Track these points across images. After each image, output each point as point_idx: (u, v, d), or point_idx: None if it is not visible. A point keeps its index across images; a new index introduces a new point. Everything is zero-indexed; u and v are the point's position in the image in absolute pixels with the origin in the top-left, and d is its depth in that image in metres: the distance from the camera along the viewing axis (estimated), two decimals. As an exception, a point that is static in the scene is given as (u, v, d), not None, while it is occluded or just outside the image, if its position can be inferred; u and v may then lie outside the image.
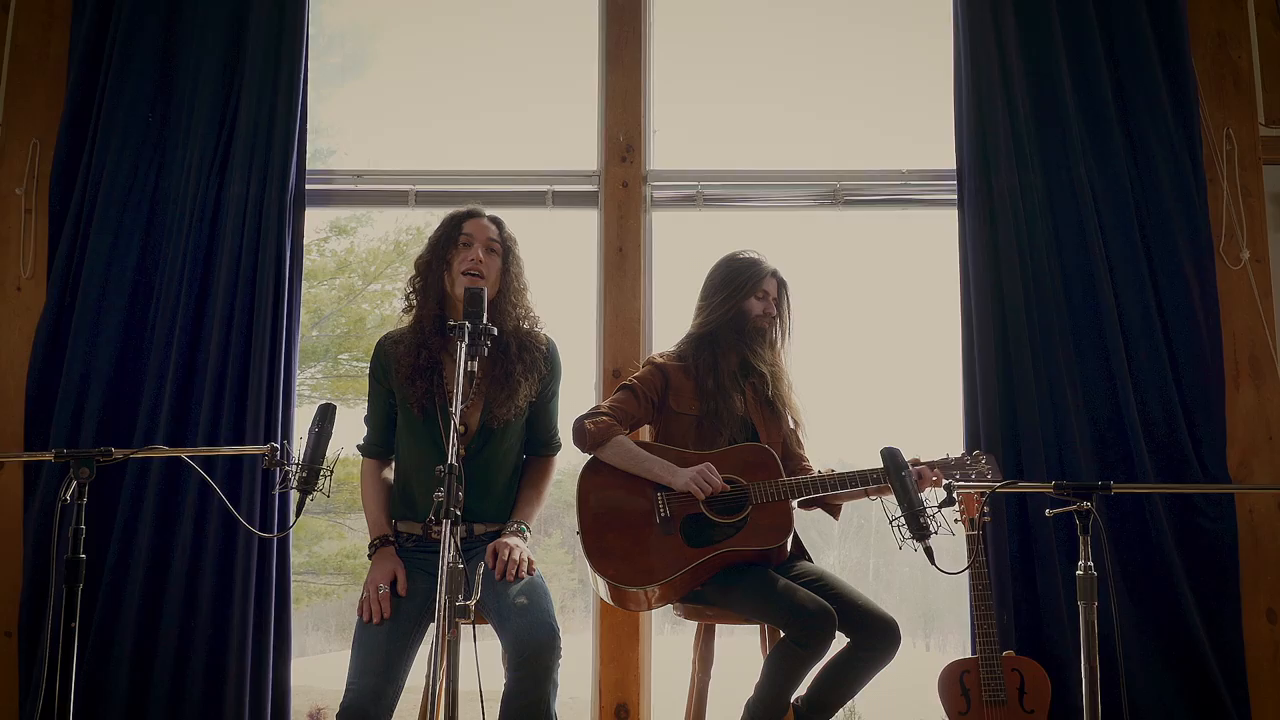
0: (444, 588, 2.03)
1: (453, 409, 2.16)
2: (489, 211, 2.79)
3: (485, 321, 2.27)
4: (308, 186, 3.44)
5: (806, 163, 3.63)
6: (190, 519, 3.17)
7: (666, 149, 3.61)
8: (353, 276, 7.16)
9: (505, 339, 2.65)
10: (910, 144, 3.65)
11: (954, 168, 3.40)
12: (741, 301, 2.89)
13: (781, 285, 2.96)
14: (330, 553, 6.08)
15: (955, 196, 3.38)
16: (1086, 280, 3.30)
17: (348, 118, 4.23)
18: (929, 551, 2.30)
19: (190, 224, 3.34)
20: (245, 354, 3.27)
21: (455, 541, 2.08)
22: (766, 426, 2.90)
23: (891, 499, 2.42)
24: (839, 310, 3.52)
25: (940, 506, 2.39)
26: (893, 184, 3.59)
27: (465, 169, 3.66)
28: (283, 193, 3.35)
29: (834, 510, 2.95)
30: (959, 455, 2.76)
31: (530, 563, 2.59)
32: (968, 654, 2.99)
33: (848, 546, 4.94)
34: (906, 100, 3.76)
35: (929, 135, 3.60)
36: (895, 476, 2.34)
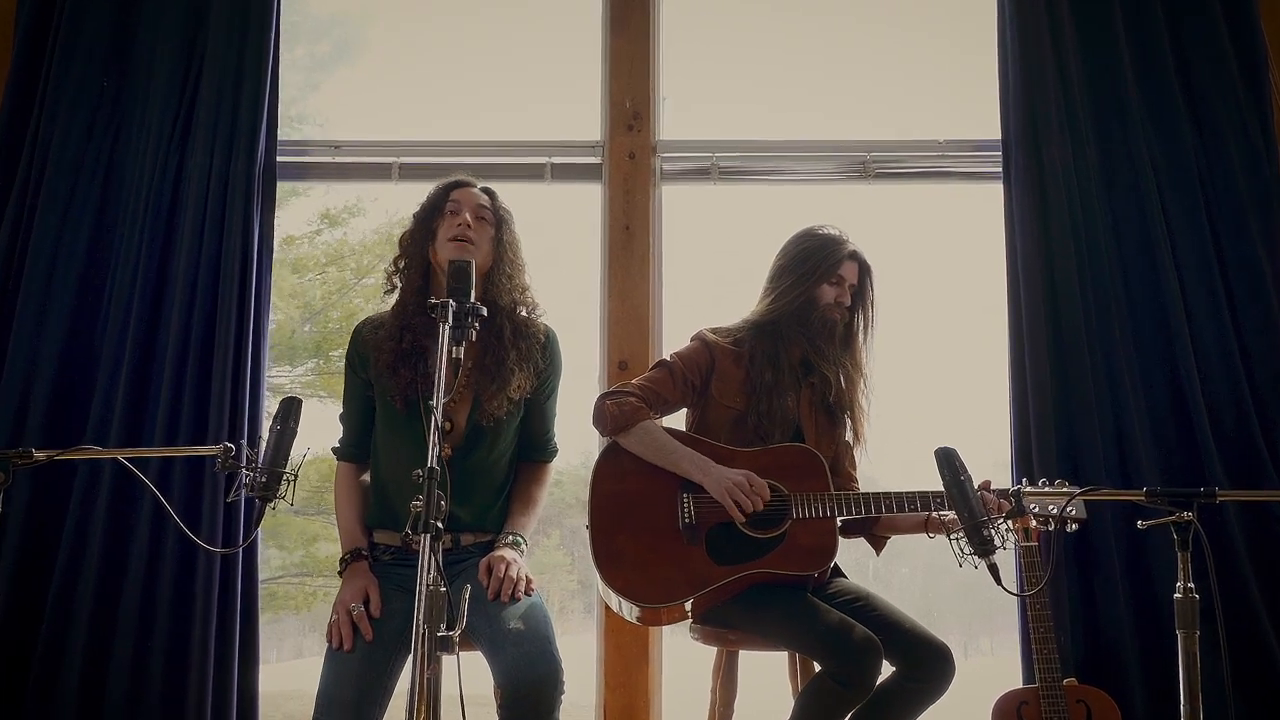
0: (422, 615, 1.73)
1: (434, 402, 1.85)
2: (481, 183, 2.55)
3: (473, 300, 1.97)
4: (280, 159, 3.21)
5: (833, 132, 3.39)
6: (146, 523, 2.90)
7: (678, 117, 3.40)
8: (345, 270, 6.95)
9: (498, 321, 2.40)
10: (947, 112, 3.45)
11: (998, 138, 3.15)
12: (813, 287, 2.54)
13: (864, 270, 2.61)
14: (326, 554, 5.88)
15: (999, 169, 3.14)
16: (1147, 264, 3.02)
17: (334, 95, 3.96)
18: (994, 570, 1.97)
19: (149, 198, 3.09)
20: (208, 344, 3.01)
21: (437, 560, 1.77)
22: (818, 434, 2.56)
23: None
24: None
25: (1006, 517, 2.07)
26: (929, 155, 3.34)
27: (454, 139, 3.43)
28: (251, 163, 3.11)
29: (878, 542, 2.63)
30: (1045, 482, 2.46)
31: (529, 581, 2.28)
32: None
33: (845, 545, 4.65)
34: (943, 64, 3.54)
35: (969, 103, 3.40)
36: (952, 481, 2.01)
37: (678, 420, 2.65)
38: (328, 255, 6.78)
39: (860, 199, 3.49)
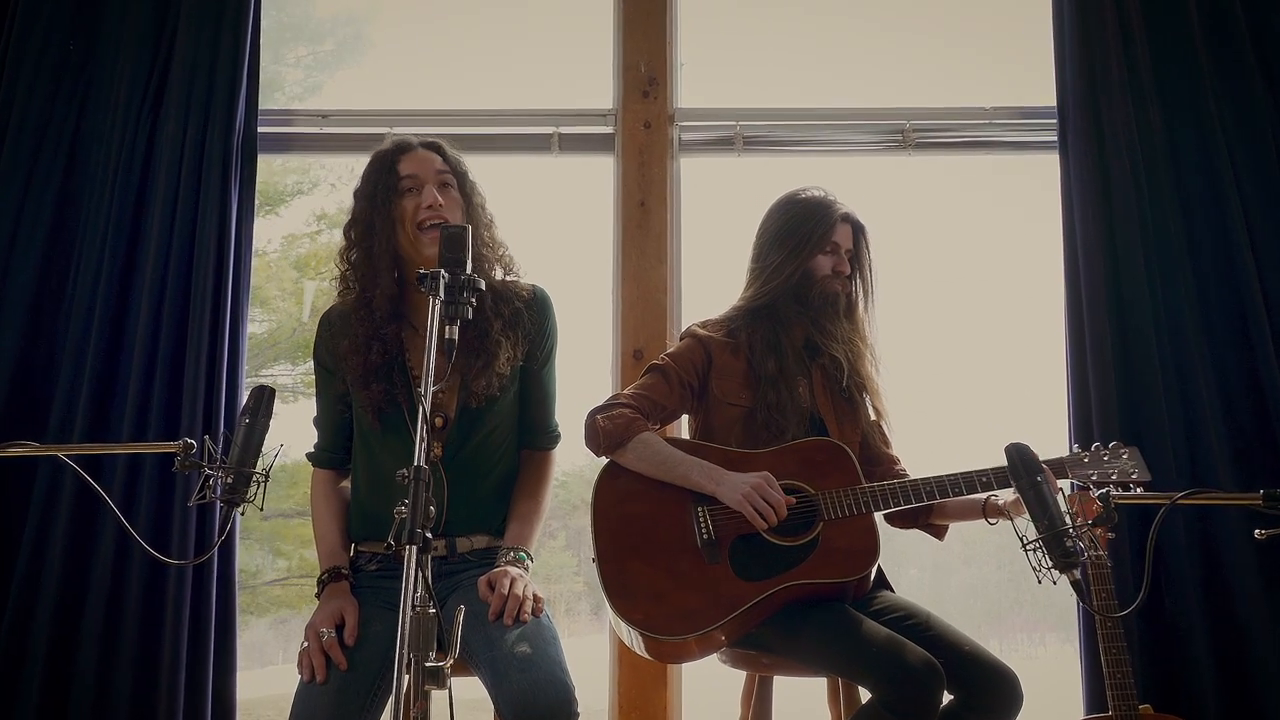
0: (405, 645, 1.47)
1: (422, 391, 1.59)
2: (417, 137, 2.24)
3: (470, 271, 1.70)
4: (261, 129, 3.00)
5: (869, 99, 3.16)
6: (112, 526, 2.69)
7: (697, 84, 3.19)
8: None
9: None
10: (994, 78, 3.28)
11: (1050, 104, 2.93)
12: (806, 260, 2.30)
13: (858, 231, 2.37)
14: (325, 555, 5.66)
15: (1053, 138, 2.93)
16: (1218, 236, 2.79)
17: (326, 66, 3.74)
18: (1078, 586, 1.70)
19: (117, 173, 2.90)
20: (180, 332, 2.80)
21: (425, 576, 1.50)
22: (839, 420, 2.31)
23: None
24: (907, 276, 3.01)
25: (1094, 524, 1.79)
26: (974, 123, 3.11)
27: (451, 107, 3.18)
28: (228, 133, 2.91)
29: (937, 530, 2.37)
30: (1091, 450, 2.17)
31: (538, 600, 2.01)
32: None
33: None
34: (990, 25, 3.33)
35: (1017, 68, 3.26)
36: (1027, 483, 1.73)
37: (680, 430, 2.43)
38: (329, 253, 6.63)
39: (900, 171, 3.29)
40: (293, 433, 2.37)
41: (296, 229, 5.95)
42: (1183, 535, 2.61)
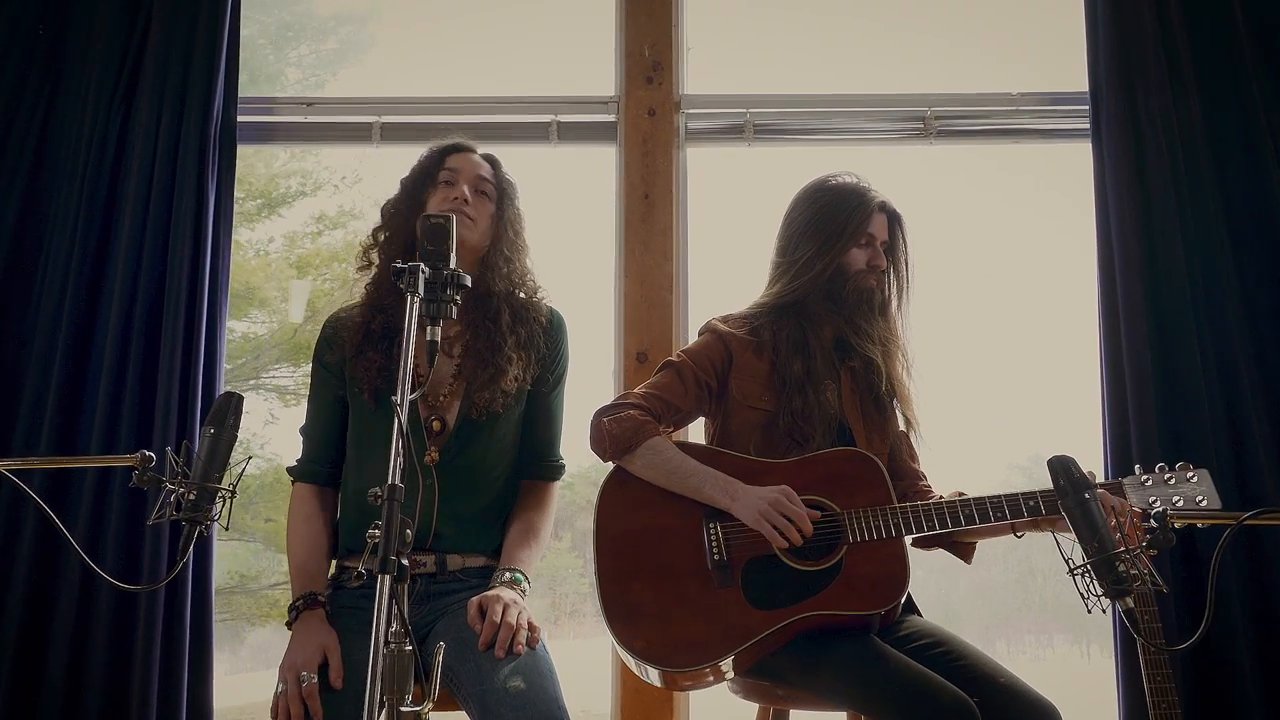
0: (378, 683, 1.33)
1: (398, 399, 1.47)
2: (483, 148, 2.27)
3: (454, 266, 1.58)
4: (241, 118, 2.88)
5: (887, 85, 3.03)
6: (83, 537, 2.54)
7: (705, 69, 3.08)
8: (348, 266, 6.76)
9: (494, 306, 2.14)
10: (1020, 63, 3.19)
11: (1082, 89, 2.80)
12: (840, 253, 2.15)
13: (894, 221, 2.22)
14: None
15: (1085, 125, 2.80)
16: (1266, 238, 2.65)
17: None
18: (1130, 616, 1.53)
19: (87, 165, 2.79)
20: (152, 337, 2.68)
21: (401, 611, 1.37)
22: (868, 429, 2.15)
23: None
24: (930, 272, 2.83)
25: (1148, 547, 1.61)
26: (1000, 110, 2.98)
27: (444, 95, 3.06)
28: (205, 122, 2.79)
29: (965, 551, 2.19)
30: (1154, 471, 1.99)
31: (534, 630, 1.87)
32: None
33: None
34: (1016, 5, 3.20)
35: (1045, 54, 3.16)
36: (1073, 500, 1.57)
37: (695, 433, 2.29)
38: (331, 253, 6.63)
39: (920, 161, 3.16)
40: (292, 436, 2.35)
41: (298, 230, 5.89)
42: (1226, 549, 2.44)
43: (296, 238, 6.11)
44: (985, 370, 3.09)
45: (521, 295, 2.19)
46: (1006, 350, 3.14)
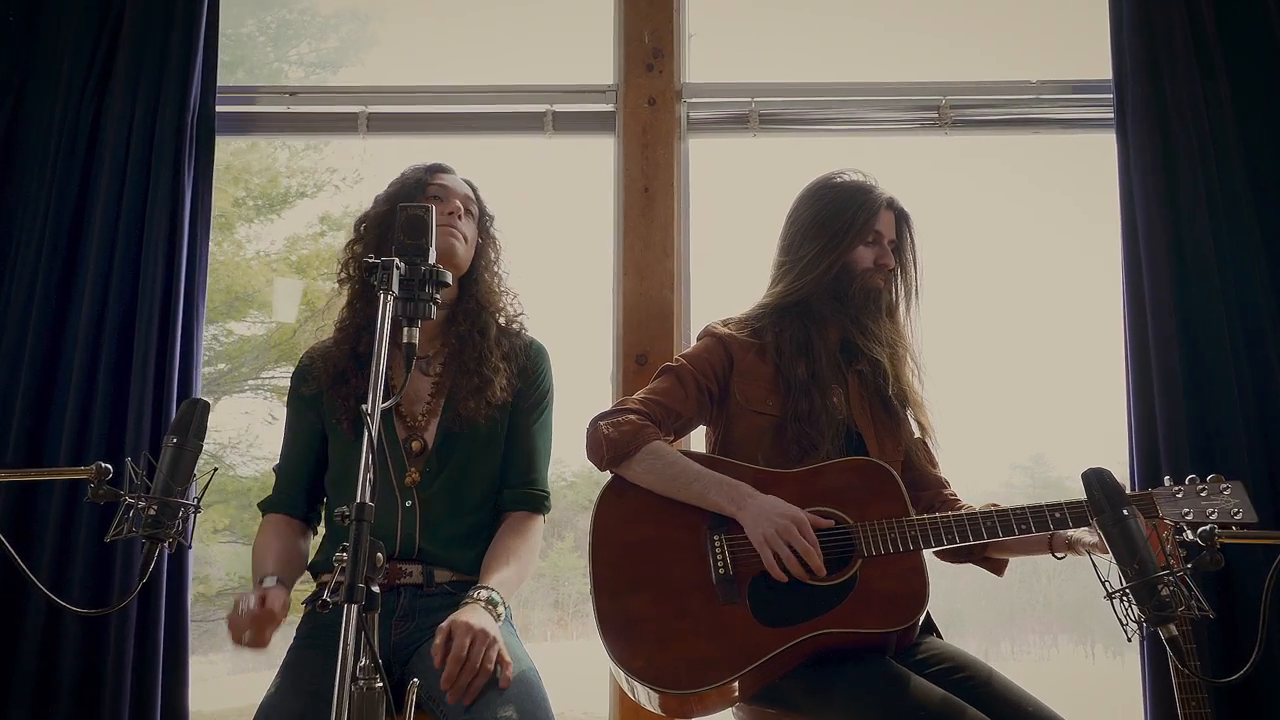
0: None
1: (368, 408, 1.35)
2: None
3: (434, 262, 1.47)
4: (220, 108, 2.79)
5: (900, 72, 2.94)
6: (50, 549, 2.47)
7: (708, 57, 2.99)
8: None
9: (481, 319, 2.12)
10: (1039, 50, 2.99)
11: (1105, 77, 2.70)
12: (846, 251, 2.10)
13: (902, 219, 2.18)
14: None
15: (1109, 114, 2.71)
16: None
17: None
18: (1174, 644, 1.42)
19: (58, 158, 2.70)
20: (125, 340, 2.58)
21: (371, 643, 1.25)
22: (879, 435, 2.06)
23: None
24: (943, 271, 2.79)
25: (1196, 568, 1.50)
26: (1019, 99, 2.89)
27: (432, 84, 2.96)
28: (181, 112, 2.70)
29: (995, 565, 2.12)
30: (1185, 484, 1.88)
31: (505, 666, 1.74)
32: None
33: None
34: None
35: (1065, 41, 3.00)
36: (1110, 517, 1.46)
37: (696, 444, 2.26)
38: (331, 254, 6.59)
39: (935, 153, 3.02)
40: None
41: (299, 231, 5.83)
42: (1261, 564, 2.30)
43: (298, 239, 6.08)
44: (990, 367, 3.02)
45: (502, 320, 2.17)
46: (1013, 348, 3.07)
